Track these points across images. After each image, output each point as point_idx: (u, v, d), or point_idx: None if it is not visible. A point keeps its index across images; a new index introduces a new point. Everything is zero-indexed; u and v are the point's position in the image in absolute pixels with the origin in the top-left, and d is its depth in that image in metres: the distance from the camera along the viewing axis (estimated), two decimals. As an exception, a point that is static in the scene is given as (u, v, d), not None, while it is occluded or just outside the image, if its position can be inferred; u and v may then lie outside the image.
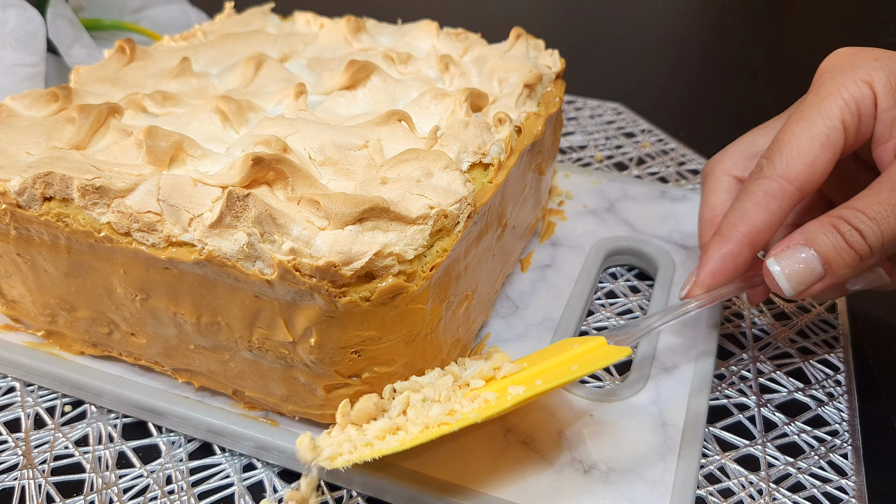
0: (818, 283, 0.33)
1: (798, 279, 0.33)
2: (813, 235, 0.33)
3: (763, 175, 0.35)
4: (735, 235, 0.35)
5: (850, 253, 0.32)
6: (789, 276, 0.33)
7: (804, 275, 0.32)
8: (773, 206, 0.34)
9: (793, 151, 0.34)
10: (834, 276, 0.33)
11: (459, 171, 0.34)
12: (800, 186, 0.34)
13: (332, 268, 0.29)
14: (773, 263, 0.33)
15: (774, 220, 0.35)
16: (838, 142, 0.34)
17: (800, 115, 0.35)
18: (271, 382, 0.35)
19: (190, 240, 0.31)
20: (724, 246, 0.35)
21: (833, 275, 0.32)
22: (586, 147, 0.66)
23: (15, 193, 0.33)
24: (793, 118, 0.35)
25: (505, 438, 0.36)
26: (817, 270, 0.32)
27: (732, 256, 0.35)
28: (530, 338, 0.42)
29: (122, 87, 0.43)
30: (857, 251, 0.32)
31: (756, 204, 0.35)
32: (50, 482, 0.36)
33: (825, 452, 0.37)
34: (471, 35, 0.51)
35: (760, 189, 0.35)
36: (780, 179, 0.34)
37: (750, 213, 0.35)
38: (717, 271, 0.36)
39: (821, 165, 0.34)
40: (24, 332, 0.41)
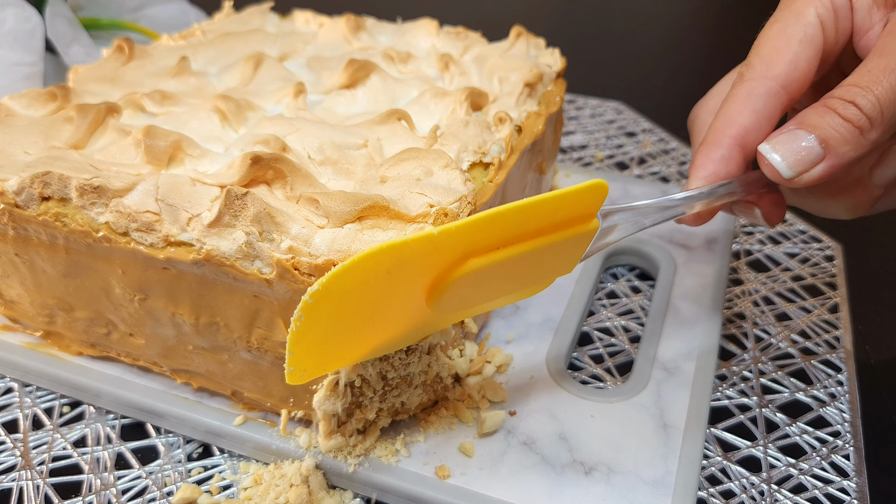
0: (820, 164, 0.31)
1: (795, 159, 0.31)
2: (806, 118, 0.31)
3: (744, 79, 0.34)
4: (723, 140, 0.33)
5: (847, 126, 0.30)
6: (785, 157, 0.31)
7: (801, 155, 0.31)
8: (759, 104, 0.33)
9: (771, 52, 0.33)
10: (835, 156, 0.30)
11: (459, 170, 0.34)
12: (784, 84, 0.33)
13: (332, 266, 0.29)
14: (769, 150, 0.31)
15: (762, 121, 0.33)
16: (817, 37, 0.33)
17: (773, 20, 0.34)
18: (270, 383, 0.35)
19: (188, 239, 0.31)
20: (714, 151, 0.33)
21: (833, 153, 0.30)
22: (587, 146, 0.66)
23: (13, 193, 0.33)
24: (766, 25, 0.34)
25: (506, 439, 0.35)
26: (815, 150, 0.30)
27: (724, 160, 0.33)
28: (530, 338, 0.42)
29: (120, 86, 0.43)
30: (854, 123, 0.30)
31: (741, 104, 0.33)
32: (48, 483, 0.35)
33: (827, 453, 0.37)
34: (471, 34, 0.51)
35: (743, 91, 0.33)
36: (763, 79, 0.33)
37: (735, 115, 0.33)
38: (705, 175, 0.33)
39: (802, 62, 0.33)
40: (23, 333, 0.41)
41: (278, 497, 0.33)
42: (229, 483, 0.35)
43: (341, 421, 0.34)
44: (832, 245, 0.52)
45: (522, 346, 0.41)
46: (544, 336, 0.42)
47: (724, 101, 0.34)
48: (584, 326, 0.45)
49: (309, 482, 0.33)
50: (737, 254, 0.52)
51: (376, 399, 0.34)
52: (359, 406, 0.34)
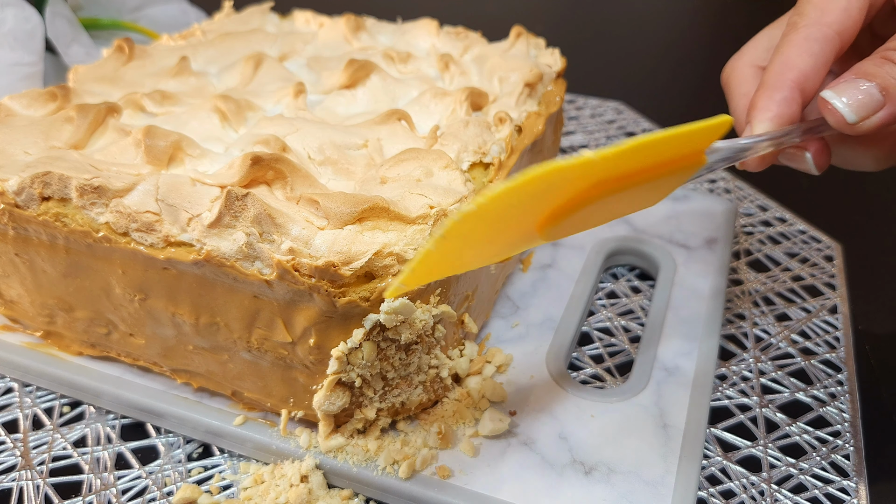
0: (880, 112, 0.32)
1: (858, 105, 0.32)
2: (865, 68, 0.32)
3: (798, 26, 0.34)
4: (784, 82, 0.33)
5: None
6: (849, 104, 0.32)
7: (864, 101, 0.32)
8: (817, 48, 0.33)
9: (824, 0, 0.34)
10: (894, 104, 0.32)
11: (459, 171, 0.34)
12: (839, 30, 0.33)
13: (332, 268, 0.29)
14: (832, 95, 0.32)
15: (820, 65, 0.34)
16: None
17: None
18: (270, 383, 0.35)
19: (188, 240, 0.31)
20: (774, 93, 0.33)
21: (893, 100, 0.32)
22: (587, 146, 0.66)
23: (13, 193, 0.33)
24: None
25: (505, 439, 0.35)
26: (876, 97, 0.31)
27: (787, 102, 0.33)
28: (530, 338, 0.42)
29: (120, 86, 0.43)
30: None
31: (799, 48, 0.33)
32: (48, 483, 0.35)
33: (827, 453, 0.37)
34: (471, 34, 0.51)
35: (800, 35, 0.34)
36: (818, 24, 0.34)
37: (795, 58, 0.33)
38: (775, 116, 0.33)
39: (854, 10, 0.34)
40: (23, 333, 0.41)
41: (278, 497, 0.33)
42: (229, 483, 0.35)
43: (341, 421, 0.34)
44: (832, 245, 0.52)
45: (522, 346, 0.41)
46: (544, 336, 0.42)
47: (781, 47, 0.34)
48: (584, 326, 0.45)
49: (309, 482, 0.33)
50: (737, 254, 0.52)
51: (376, 399, 0.34)
52: (359, 406, 0.34)
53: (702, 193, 0.54)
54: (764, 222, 0.55)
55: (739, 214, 0.56)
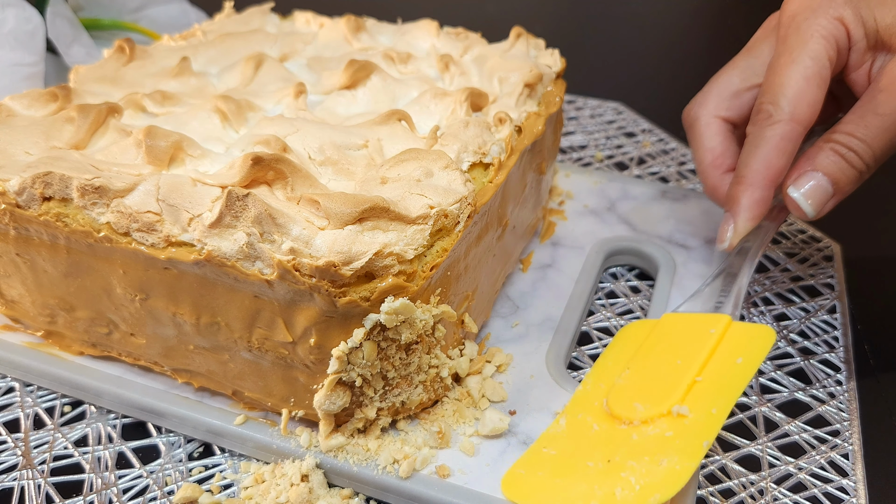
0: (831, 201, 0.38)
1: (816, 200, 0.37)
2: (821, 162, 0.37)
3: (774, 120, 0.38)
4: (763, 182, 0.38)
5: (852, 171, 0.37)
6: (808, 200, 0.37)
7: (820, 196, 0.37)
8: (790, 148, 0.38)
9: (797, 94, 0.37)
10: (840, 193, 0.37)
11: (460, 171, 0.34)
12: (806, 125, 0.38)
13: (332, 268, 0.29)
14: (794, 191, 0.37)
15: (790, 161, 0.38)
16: (828, 78, 0.38)
17: (789, 57, 0.38)
18: (271, 383, 0.35)
19: (189, 240, 0.31)
20: (755, 193, 0.38)
21: (840, 192, 0.37)
22: (587, 147, 0.66)
23: (14, 193, 0.33)
24: (783, 61, 0.38)
25: (505, 439, 0.35)
26: (828, 190, 0.37)
27: (765, 201, 0.39)
28: (530, 338, 0.42)
29: (121, 86, 0.43)
30: (856, 168, 0.37)
31: (776, 149, 0.38)
32: (49, 482, 0.35)
33: (826, 452, 0.37)
34: (471, 34, 0.51)
35: (776, 134, 0.38)
36: (791, 122, 0.37)
37: (773, 159, 0.38)
38: (753, 216, 0.39)
39: (818, 103, 0.38)
40: (24, 333, 0.41)
41: (279, 496, 0.33)
42: (230, 482, 0.35)
43: (342, 420, 0.34)
44: (831, 245, 0.53)
45: (522, 345, 0.41)
46: (544, 336, 0.42)
47: (758, 141, 0.38)
48: (584, 326, 0.45)
49: (310, 481, 0.34)
50: (736, 254, 0.52)
51: (377, 398, 0.34)
52: (359, 405, 0.34)
53: (701, 194, 0.54)
54: (763, 222, 0.55)
55: (739, 214, 0.56)
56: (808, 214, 0.38)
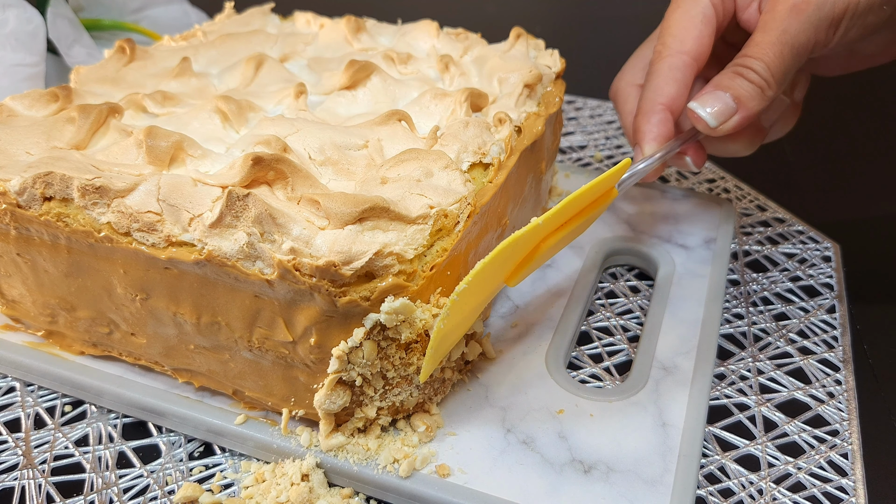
0: (735, 116, 0.39)
1: (718, 112, 0.39)
2: (721, 81, 0.40)
3: (662, 56, 0.42)
4: (656, 107, 0.42)
5: (752, 87, 0.39)
6: (710, 113, 0.39)
7: (722, 109, 0.39)
8: (679, 75, 0.42)
9: (681, 31, 0.42)
10: (745, 109, 0.39)
11: (459, 171, 0.34)
12: (695, 56, 0.42)
13: (332, 267, 0.29)
14: (697, 106, 0.40)
15: (682, 89, 0.42)
16: (713, 17, 0.42)
17: (675, 5, 0.43)
18: (271, 382, 0.35)
19: (190, 240, 0.31)
20: (651, 117, 0.42)
21: (744, 107, 0.39)
22: (586, 147, 0.66)
23: (15, 193, 0.33)
24: (670, 10, 0.43)
25: (505, 438, 0.36)
26: (731, 105, 0.39)
27: (662, 122, 0.41)
28: (530, 338, 0.42)
29: (122, 87, 0.43)
30: (756, 84, 0.39)
31: (665, 78, 0.42)
32: (50, 482, 0.36)
33: (825, 452, 0.37)
34: (471, 35, 0.51)
35: (665, 65, 0.42)
36: (678, 54, 0.42)
37: (662, 86, 0.42)
38: (656, 136, 0.41)
39: (705, 37, 0.42)
40: (25, 332, 0.41)
41: (279, 496, 0.33)
42: (231, 482, 0.35)
43: (342, 420, 0.34)
44: (830, 245, 0.53)
45: (522, 345, 0.41)
46: (544, 335, 0.42)
47: (650, 76, 0.43)
48: (584, 326, 0.45)
49: (310, 480, 0.34)
50: (735, 254, 0.52)
51: (377, 398, 0.34)
52: (359, 405, 0.34)
53: (701, 194, 0.55)
54: (762, 223, 0.55)
55: (738, 215, 0.56)
56: (709, 124, 0.39)
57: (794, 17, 0.38)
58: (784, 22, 0.38)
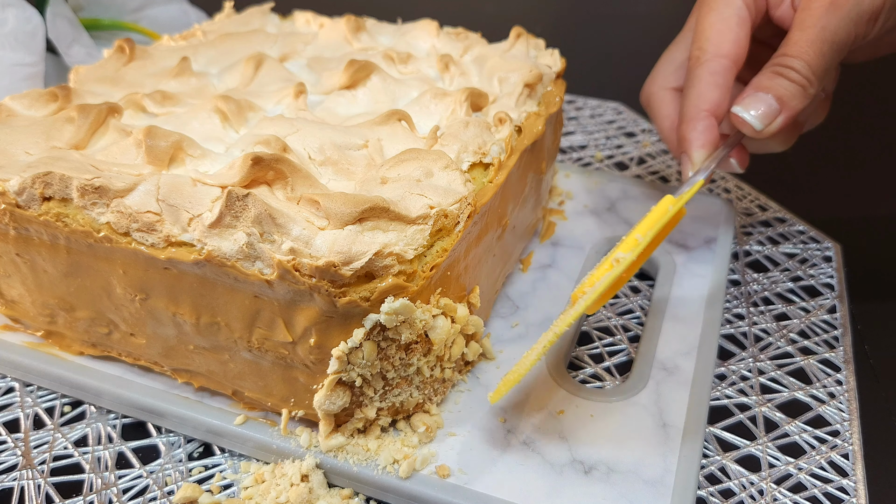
0: (778, 118, 0.39)
1: (762, 115, 0.39)
2: (762, 82, 0.39)
3: (701, 61, 0.42)
4: (700, 113, 0.41)
5: (793, 85, 0.39)
6: (755, 116, 0.39)
7: (766, 111, 0.39)
8: (720, 80, 0.41)
9: (717, 35, 0.41)
10: (788, 109, 0.39)
11: (459, 171, 0.34)
12: (734, 59, 0.41)
13: (332, 268, 0.29)
14: (741, 110, 0.40)
15: (725, 93, 0.41)
16: (747, 18, 0.42)
17: (708, 8, 0.42)
18: (271, 383, 0.35)
19: (189, 240, 0.31)
20: (696, 124, 0.41)
21: (787, 107, 0.39)
22: (587, 147, 0.66)
23: (14, 193, 0.33)
24: (703, 12, 0.43)
25: (505, 439, 0.35)
26: (774, 106, 0.39)
27: (708, 129, 0.41)
28: (530, 338, 0.42)
29: (121, 86, 0.43)
30: (796, 82, 0.39)
31: (707, 84, 0.41)
32: (49, 482, 0.35)
33: (826, 452, 0.37)
34: (471, 34, 0.51)
35: (705, 71, 0.41)
36: (717, 58, 0.41)
37: (705, 92, 0.41)
38: (704, 144, 0.41)
39: (742, 39, 0.41)
40: (24, 333, 0.41)
41: (279, 496, 0.33)
42: (230, 482, 0.35)
43: (342, 420, 0.34)
44: (830, 245, 0.53)
45: (522, 345, 0.41)
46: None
47: (691, 82, 0.42)
48: (584, 326, 0.45)
49: (310, 481, 0.34)
50: (735, 255, 0.52)
51: (377, 398, 0.34)
52: (359, 405, 0.34)
53: (701, 194, 0.54)
54: (763, 223, 0.55)
55: (739, 215, 0.56)
56: (755, 127, 0.39)
57: (832, 14, 0.38)
58: (823, 18, 0.38)
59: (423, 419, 0.35)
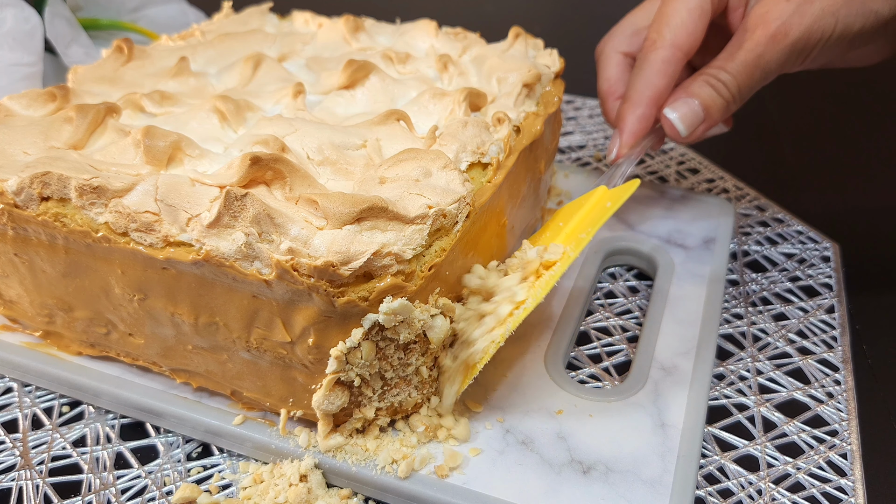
0: (700, 126, 0.42)
1: (688, 122, 0.42)
2: (694, 89, 0.42)
3: (657, 46, 0.43)
4: (644, 100, 0.43)
5: (720, 99, 0.42)
6: (682, 121, 0.42)
7: (692, 119, 0.42)
8: (670, 70, 0.43)
9: (678, 23, 0.43)
10: (710, 120, 0.42)
11: (458, 171, 0.34)
12: (686, 51, 0.43)
13: (331, 268, 0.29)
14: (670, 112, 0.42)
15: (671, 82, 0.43)
16: (709, 11, 0.43)
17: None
18: (269, 383, 0.35)
19: (188, 240, 0.31)
20: (637, 110, 0.43)
21: (710, 118, 0.42)
22: (585, 147, 0.66)
23: (12, 193, 0.33)
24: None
25: (504, 439, 0.35)
26: (699, 114, 0.42)
27: (646, 118, 0.43)
28: (530, 338, 0.42)
29: (119, 86, 0.43)
30: (724, 98, 0.42)
31: (657, 71, 0.43)
32: (47, 483, 0.35)
33: (824, 452, 0.37)
34: (469, 34, 0.51)
35: (658, 58, 0.43)
36: (672, 48, 0.43)
37: (653, 79, 0.43)
38: (635, 131, 0.44)
39: (699, 32, 0.43)
40: (22, 333, 0.41)
41: (278, 496, 0.33)
42: (229, 482, 0.35)
43: (340, 420, 0.34)
44: (829, 245, 0.53)
45: (522, 345, 0.41)
46: (542, 335, 0.42)
47: (643, 65, 0.44)
48: (582, 326, 0.45)
49: (308, 481, 0.34)
50: (734, 255, 0.52)
51: (375, 398, 0.34)
52: (358, 405, 0.34)
53: (700, 194, 0.55)
54: (761, 223, 0.55)
55: (737, 215, 0.56)
56: (680, 133, 0.42)
57: (770, 46, 0.40)
58: (761, 47, 0.40)
59: (422, 419, 0.35)
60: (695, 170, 0.62)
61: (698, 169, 0.62)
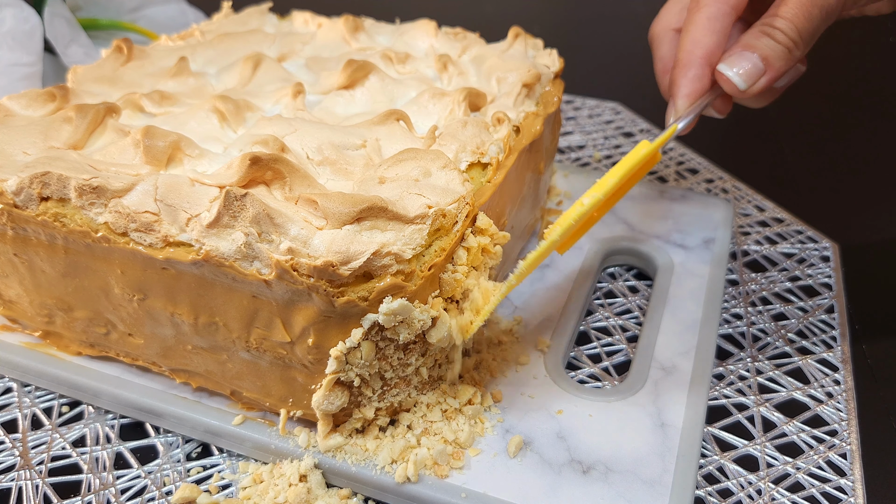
0: (762, 78, 0.39)
1: (747, 75, 0.39)
2: (749, 41, 0.39)
3: (701, 5, 0.41)
4: (694, 60, 0.41)
5: (780, 48, 0.39)
6: (740, 74, 0.39)
7: (751, 71, 0.39)
8: (718, 26, 0.41)
9: None
10: (773, 70, 0.39)
11: (458, 171, 0.34)
12: (733, 5, 0.41)
13: (330, 267, 0.29)
14: (726, 68, 0.39)
15: (721, 39, 0.41)
16: None
17: None
18: (269, 383, 0.35)
19: (187, 240, 0.31)
20: (688, 71, 0.41)
21: (771, 68, 0.39)
22: (585, 147, 0.66)
23: (12, 193, 0.33)
24: None
25: (504, 439, 0.35)
26: (759, 66, 0.39)
27: (698, 78, 0.41)
28: (529, 338, 0.42)
29: (119, 86, 0.43)
30: (783, 45, 0.39)
31: (704, 29, 0.41)
32: (47, 483, 0.35)
33: (824, 452, 0.37)
34: (469, 34, 0.51)
35: (704, 16, 0.41)
36: (718, 3, 0.41)
37: (701, 38, 0.41)
38: (688, 94, 0.41)
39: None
40: (22, 333, 0.41)
41: (277, 496, 0.33)
42: (228, 482, 0.35)
43: (340, 420, 0.34)
44: (828, 245, 0.53)
45: (521, 345, 0.41)
46: (542, 335, 0.42)
47: (688, 27, 0.42)
48: (582, 326, 0.45)
49: (308, 481, 0.34)
50: (734, 254, 0.52)
51: (375, 398, 0.34)
52: (358, 405, 0.34)
53: (699, 194, 0.55)
54: (761, 223, 0.55)
55: (737, 215, 0.56)
56: (739, 87, 0.39)
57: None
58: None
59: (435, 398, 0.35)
60: (694, 170, 0.62)
61: (698, 169, 0.62)
